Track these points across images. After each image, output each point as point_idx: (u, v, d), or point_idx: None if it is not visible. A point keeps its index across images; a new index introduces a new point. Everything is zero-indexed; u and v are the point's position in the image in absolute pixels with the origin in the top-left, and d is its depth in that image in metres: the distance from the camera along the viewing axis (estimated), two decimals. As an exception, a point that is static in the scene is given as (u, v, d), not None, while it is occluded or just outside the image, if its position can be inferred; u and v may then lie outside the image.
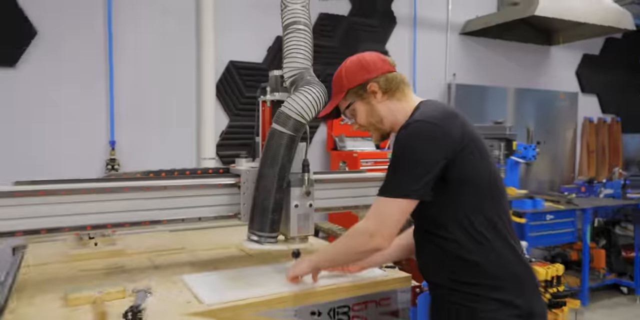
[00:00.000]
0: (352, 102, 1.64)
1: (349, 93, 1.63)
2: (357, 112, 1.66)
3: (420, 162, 1.41)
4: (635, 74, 6.83)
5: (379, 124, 1.64)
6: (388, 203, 1.44)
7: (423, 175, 1.40)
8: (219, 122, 3.91)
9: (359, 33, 4.52)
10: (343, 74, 1.65)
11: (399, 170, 1.44)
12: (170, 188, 1.82)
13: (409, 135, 1.44)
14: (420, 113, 1.50)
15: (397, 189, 1.42)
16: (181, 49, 3.78)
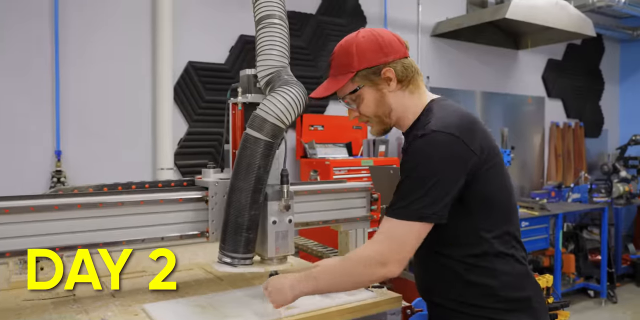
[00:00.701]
0: (360, 86, 1.41)
1: (358, 75, 1.40)
2: (363, 99, 1.43)
3: (441, 182, 1.24)
4: (595, 79, 6.97)
5: (385, 116, 1.44)
6: (403, 227, 1.25)
7: (443, 196, 1.24)
8: (177, 128, 3.60)
9: (328, 32, 4.34)
10: (354, 51, 1.39)
11: (416, 190, 1.25)
12: (127, 204, 1.60)
13: (428, 148, 1.25)
14: (438, 120, 1.30)
15: (414, 211, 1.24)
16: (135, 49, 3.48)
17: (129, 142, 3.45)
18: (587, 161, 6.91)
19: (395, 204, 1.28)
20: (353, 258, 1.32)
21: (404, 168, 1.30)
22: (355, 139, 4.21)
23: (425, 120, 1.33)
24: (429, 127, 1.28)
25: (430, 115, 1.35)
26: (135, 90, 3.47)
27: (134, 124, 3.47)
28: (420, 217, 1.23)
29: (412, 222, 1.24)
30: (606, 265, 5.08)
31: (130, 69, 3.46)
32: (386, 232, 1.27)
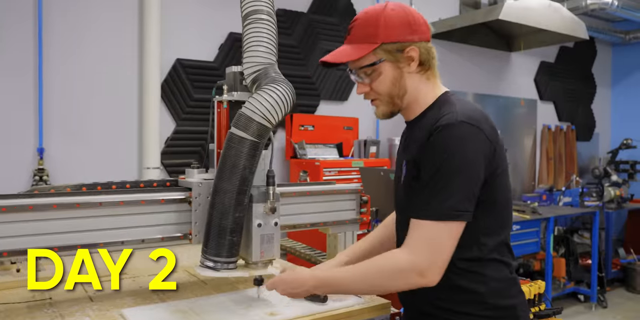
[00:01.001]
0: (380, 60, 1.29)
1: (381, 48, 1.28)
2: (380, 74, 1.31)
3: (471, 176, 1.17)
4: (587, 83, 6.97)
5: (398, 98, 1.33)
6: (439, 229, 1.15)
7: (473, 191, 1.17)
8: (164, 127, 3.52)
9: (319, 31, 4.28)
10: (382, 22, 1.28)
11: (449, 184, 1.16)
12: (106, 205, 1.54)
13: (455, 139, 1.17)
14: (462, 111, 1.22)
15: (449, 209, 1.15)
16: (121, 45, 3.39)
17: (114, 140, 3.37)
18: (578, 165, 6.91)
19: (426, 203, 1.17)
20: (387, 269, 1.20)
21: (428, 161, 1.19)
22: (346, 139, 4.16)
23: (445, 111, 1.24)
24: (454, 117, 1.19)
25: (448, 106, 1.27)
26: (121, 87, 3.39)
27: (119, 122, 3.39)
28: (456, 215, 1.15)
29: (449, 222, 1.15)
30: (597, 269, 5.06)
31: (117, 66, 3.38)
32: (421, 238, 1.17)
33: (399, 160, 1.42)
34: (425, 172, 1.20)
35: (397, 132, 4.77)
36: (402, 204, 1.35)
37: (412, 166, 1.27)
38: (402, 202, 1.35)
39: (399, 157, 1.43)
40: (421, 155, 1.22)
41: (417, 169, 1.23)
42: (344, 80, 4.43)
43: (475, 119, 1.20)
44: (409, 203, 1.26)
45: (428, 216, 1.16)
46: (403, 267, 1.16)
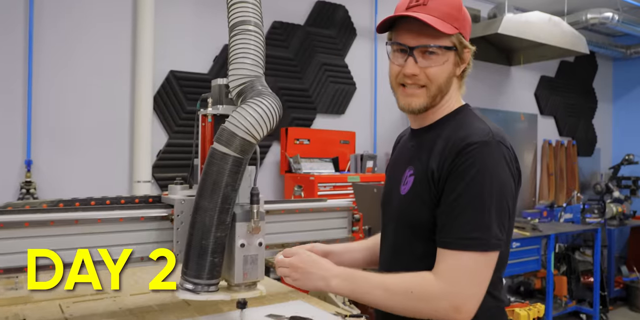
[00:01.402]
0: (453, 48, 1.16)
1: (457, 36, 1.16)
2: (444, 63, 1.16)
3: (509, 201, 1.08)
4: (588, 97, 6.92)
5: (440, 95, 1.19)
6: (478, 260, 1.04)
7: (510, 217, 1.09)
8: (157, 139, 3.46)
9: (315, 44, 4.24)
10: (463, 11, 1.18)
11: (485, 211, 1.04)
12: (83, 222, 1.47)
13: (496, 159, 1.07)
14: (493, 128, 1.12)
15: (488, 238, 1.04)
16: (114, 56, 3.35)
17: (105, 153, 3.31)
18: (579, 180, 6.82)
19: (463, 231, 1.04)
20: (417, 293, 1.06)
21: (461, 180, 1.06)
22: (343, 153, 4.09)
23: (474, 125, 1.13)
24: (490, 135, 1.09)
25: (476, 120, 1.17)
26: (113, 99, 3.34)
27: (110, 134, 3.33)
28: (497, 245, 1.05)
29: (487, 252, 1.04)
30: (599, 288, 4.95)
31: (109, 77, 3.33)
32: (459, 271, 1.04)
33: (398, 168, 1.29)
34: (457, 193, 1.06)
35: (395, 146, 4.71)
36: (398, 214, 1.24)
37: (424, 178, 1.14)
38: (399, 212, 1.23)
39: (398, 165, 1.31)
40: (446, 171, 1.09)
41: (434, 183, 1.11)
42: (341, 93, 4.37)
43: (507, 140, 1.12)
44: (411, 216, 1.17)
45: (469, 247, 1.03)
46: (436, 295, 1.04)
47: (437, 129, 1.21)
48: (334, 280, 1.15)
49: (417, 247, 1.18)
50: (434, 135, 1.20)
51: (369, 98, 4.57)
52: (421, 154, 1.20)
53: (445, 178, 1.09)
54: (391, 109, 4.73)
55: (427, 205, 1.13)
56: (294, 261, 1.21)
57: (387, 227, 1.31)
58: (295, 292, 1.94)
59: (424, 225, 1.14)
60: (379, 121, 4.62)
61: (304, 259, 1.21)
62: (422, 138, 1.23)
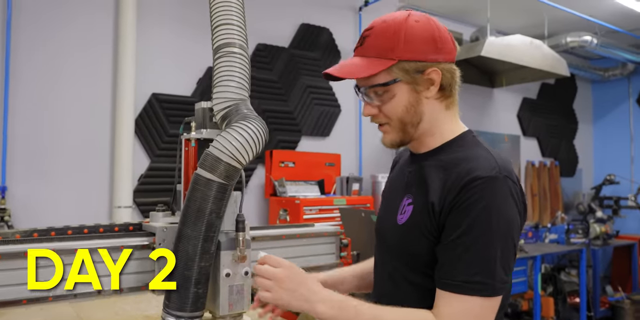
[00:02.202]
0: (395, 80, 1.11)
1: (398, 66, 1.10)
2: (394, 96, 1.12)
3: (515, 241, 1.04)
4: (569, 119, 7.02)
5: (412, 125, 1.15)
6: (483, 306, 0.99)
7: (515, 254, 1.05)
8: (138, 164, 3.38)
9: (300, 66, 4.24)
10: (402, 36, 1.09)
11: (492, 253, 0.99)
12: (59, 253, 1.38)
13: (503, 196, 1.02)
14: (499, 159, 1.07)
15: (499, 282, 1.00)
16: (94, 78, 3.28)
17: (83, 178, 3.21)
18: (563, 200, 6.87)
19: (467, 274, 0.99)
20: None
21: (466, 217, 1.00)
22: (328, 176, 4.05)
23: (480, 157, 1.08)
24: (497, 170, 1.04)
25: (481, 151, 1.11)
26: (92, 121, 3.26)
27: (90, 158, 3.24)
28: (500, 289, 1.00)
29: (493, 297, 0.99)
30: (585, 308, 4.93)
31: (88, 100, 3.26)
32: (463, 316, 0.99)
33: (394, 194, 1.24)
34: (461, 230, 1.01)
35: (381, 169, 4.69)
36: (394, 244, 1.18)
37: (424, 210, 1.09)
38: (395, 242, 1.18)
39: (394, 189, 1.25)
40: (449, 206, 1.04)
41: (434, 216, 1.06)
42: (326, 115, 4.36)
43: (513, 174, 1.07)
44: (408, 248, 1.12)
45: (474, 291, 0.98)
46: None
47: (436, 156, 1.16)
48: (320, 305, 1.06)
49: (412, 278, 1.13)
50: (432, 163, 1.15)
51: (353, 120, 4.57)
52: (420, 182, 1.15)
53: (447, 213, 1.04)
54: (376, 131, 4.71)
55: (426, 237, 1.08)
56: (280, 274, 1.11)
57: (381, 255, 1.25)
58: (281, 321, 1.87)
59: (420, 257, 1.10)
60: (364, 143, 4.60)
61: (292, 274, 1.11)
62: (421, 165, 1.18)
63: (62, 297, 1.39)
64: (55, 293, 1.38)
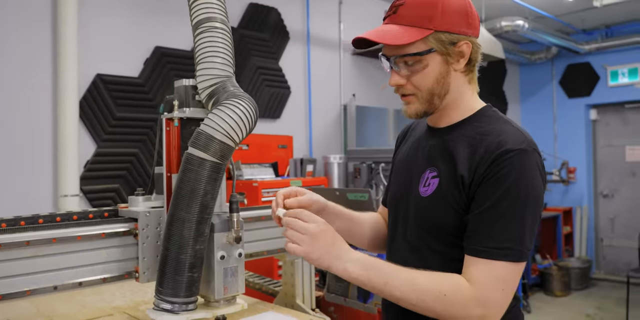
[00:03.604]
0: (430, 50, 1.11)
1: (434, 37, 1.11)
2: (426, 67, 1.12)
3: (540, 210, 1.08)
4: (500, 99, 7.37)
5: (438, 97, 1.15)
6: (514, 271, 1.03)
7: (536, 227, 1.07)
8: (84, 149, 3.16)
9: (250, 46, 4.13)
10: (439, 6, 1.10)
11: (523, 220, 1.03)
12: (35, 243, 1.31)
13: (532, 168, 1.05)
14: (526, 135, 1.10)
15: (522, 249, 1.03)
16: (32, 58, 3.01)
17: (23, 165, 2.96)
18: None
19: (498, 241, 1.02)
20: (449, 298, 1.02)
21: (498, 188, 1.03)
22: (281, 158, 4.02)
23: (507, 130, 1.10)
24: (527, 143, 1.07)
25: (507, 125, 1.13)
26: (32, 104, 3.00)
27: (30, 144, 2.99)
28: (527, 256, 1.04)
29: (520, 263, 1.03)
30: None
31: (26, 81, 2.99)
32: (494, 279, 1.02)
33: (414, 167, 1.24)
34: (493, 200, 1.04)
35: (331, 150, 4.72)
36: (417, 216, 1.19)
37: (452, 182, 1.10)
38: (419, 213, 1.19)
39: (414, 163, 1.25)
40: (480, 177, 1.06)
41: (464, 188, 1.08)
42: (277, 97, 4.30)
43: (537, 147, 1.11)
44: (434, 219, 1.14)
45: (505, 257, 1.02)
46: (469, 302, 1.02)
47: (460, 130, 1.18)
48: (351, 265, 1.06)
49: (436, 246, 1.15)
50: (457, 136, 1.16)
51: (303, 101, 4.54)
52: (444, 155, 1.16)
53: (478, 183, 1.06)
54: (325, 112, 4.73)
55: (454, 209, 1.10)
56: (314, 230, 1.06)
57: (401, 226, 1.26)
58: (263, 303, 1.86)
59: (446, 228, 1.12)
60: (314, 125, 4.60)
61: (326, 231, 1.07)
62: (444, 139, 1.19)
63: (41, 290, 1.30)
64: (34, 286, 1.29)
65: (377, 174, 3.95)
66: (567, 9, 6.04)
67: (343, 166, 4.26)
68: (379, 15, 5.31)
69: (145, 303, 1.83)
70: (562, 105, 7.42)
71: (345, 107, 4.81)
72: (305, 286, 1.99)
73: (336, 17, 4.84)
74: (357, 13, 5.05)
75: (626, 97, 6.79)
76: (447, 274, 1.06)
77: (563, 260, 6.55)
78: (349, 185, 4.24)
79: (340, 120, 4.86)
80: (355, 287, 2.45)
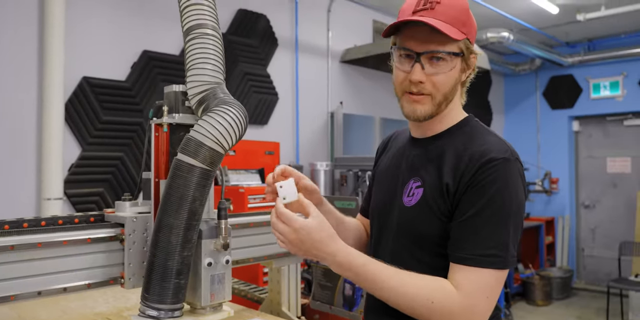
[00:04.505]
0: (460, 53, 1.12)
1: (465, 41, 1.12)
2: (451, 70, 1.12)
3: (521, 218, 1.09)
4: (485, 109, 7.46)
5: (446, 103, 1.16)
6: (498, 277, 1.04)
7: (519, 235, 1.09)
8: (68, 152, 3.12)
9: (238, 53, 4.13)
10: (470, 15, 1.14)
11: (504, 228, 1.05)
12: (20, 248, 1.29)
13: (515, 177, 1.07)
14: (508, 145, 1.12)
15: (506, 256, 1.04)
16: (17, 60, 2.97)
17: (6, 167, 2.91)
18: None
19: (484, 248, 1.03)
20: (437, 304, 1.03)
21: (482, 196, 1.04)
22: (268, 164, 4.01)
23: (490, 141, 1.12)
24: (509, 153, 1.09)
25: (489, 135, 1.15)
26: (16, 106, 2.97)
27: (14, 146, 2.95)
28: (512, 263, 1.05)
29: (505, 270, 1.05)
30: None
31: (11, 83, 2.96)
32: (480, 287, 1.03)
33: (397, 177, 1.24)
34: (477, 208, 1.05)
35: (318, 157, 4.73)
36: (400, 225, 1.20)
37: (437, 191, 1.11)
38: (402, 223, 1.20)
39: (397, 173, 1.25)
40: (465, 185, 1.07)
41: (449, 196, 1.09)
42: (264, 103, 4.31)
43: (520, 158, 1.14)
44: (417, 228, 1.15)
45: (491, 264, 1.03)
46: (456, 311, 1.03)
47: (444, 139, 1.19)
48: (336, 268, 1.07)
49: (420, 256, 1.16)
50: (441, 146, 1.18)
51: (290, 108, 4.55)
52: (428, 165, 1.17)
53: (462, 191, 1.08)
54: (313, 120, 4.74)
55: (438, 218, 1.11)
56: (290, 236, 1.06)
57: (384, 236, 1.27)
58: (249, 310, 1.85)
59: (430, 237, 1.13)
60: (301, 131, 4.60)
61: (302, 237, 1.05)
62: (428, 149, 1.21)
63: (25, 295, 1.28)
64: (18, 291, 1.27)
65: (363, 182, 3.96)
66: (552, 22, 6.16)
67: (330, 173, 4.27)
68: (367, 24, 5.38)
69: (128, 309, 1.81)
70: (545, 116, 7.53)
71: (332, 114, 4.83)
72: (292, 293, 1.99)
73: (325, 24, 4.87)
74: (345, 21, 5.09)
75: (608, 110, 6.92)
76: (435, 280, 1.07)
77: (545, 269, 6.62)
78: (335, 192, 4.25)
79: (327, 128, 4.87)
80: (340, 295, 2.45)
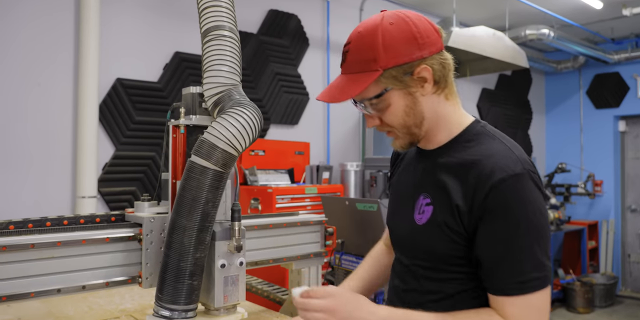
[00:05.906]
0: (386, 89, 1.08)
1: (385, 76, 1.06)
2: (389, 105, 1.10)
3: (549, 232, 1.06)
4: (524, 109, 7.25)
5: (415, 126, 1.12)
6: (543, 298, 1.01)
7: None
8: (103, 152, 3.22)
9: (269, 53, 4.15)
10: (380, 42, 1.05)
11: (536, 246, 1.01)
12: (40, 246, 1.32)
13: (530, 192, 1.02)
14: (518, 152, 1.07)
15: (546, 274, 1.02)
16: (54, 62, 3.08)
17: (44, 167, 3.03)
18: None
19: (523, 274, 1.00)
20: None
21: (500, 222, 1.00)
22: (297, 164, 4.02)
23: (499, 152, 1.06)
24: (520, 165, 1.03)
25: (498, 144, 1.09)
26: (53, 107, 3.08)
27: (51, 146, 3.06)
28: (550, 277, 1.02)
29: (549, 286, 1.02)
30: (541, 291, 5.13)
31: (48, 84, 3.07)
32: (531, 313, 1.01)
33: (408, 191, 1.21)
34: (502, 235, 1.01)
35: (348, 157, 4.70)
36: (414, 244, 1.17)
37: (447, 211, 1.07)
38: (416, 242, 1.16)
39: (406, 187, 1.23)
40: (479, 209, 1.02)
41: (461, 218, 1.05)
42: (295, 103, 4.31)
43: (532, 164, 1.07)
44: (432, 247, 1.11)
45: (534, 288, 1.00)
46: None
47: (447, 152, 1.14)
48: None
49: (431, 274, 1.14)
50: (445, 160, 1.13)
51: (321, 108, 4.54)
52: (436, 180, 1.13)
53: (478, 217, 1.03)
54: (343, 120, 4.72)
55: (449, 237, 1.07)
56: (331, 305, 1.03)
57: (398, 251, 1.26)
58: (268, 311, 1.85)
59: (442, 256, 1.10)
60: (332, 132, 4.59)
61: (343, 302, 1.04)
62: (434, 161, 1.16)
63: (45, 292, 1.32)
64: (37, 289, 1.31)
65: (393, 183, 3.91)
66: (596, 18, 5.92)
67: (360, 174, 4.24)
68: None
69: (152, 307, 1.84)
70: (589, 116, 7.25)
71: (363, 114, 4.78)
72: (311, 296, 1.97)
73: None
74: (379, 20, 5.02)
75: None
76: (478, 313, 1.04)
77: (587, 275, 6.37)
78: (365, 193, 4.21)
79: (358, 128, 4.84)
80: (363, 297, 2.42)
